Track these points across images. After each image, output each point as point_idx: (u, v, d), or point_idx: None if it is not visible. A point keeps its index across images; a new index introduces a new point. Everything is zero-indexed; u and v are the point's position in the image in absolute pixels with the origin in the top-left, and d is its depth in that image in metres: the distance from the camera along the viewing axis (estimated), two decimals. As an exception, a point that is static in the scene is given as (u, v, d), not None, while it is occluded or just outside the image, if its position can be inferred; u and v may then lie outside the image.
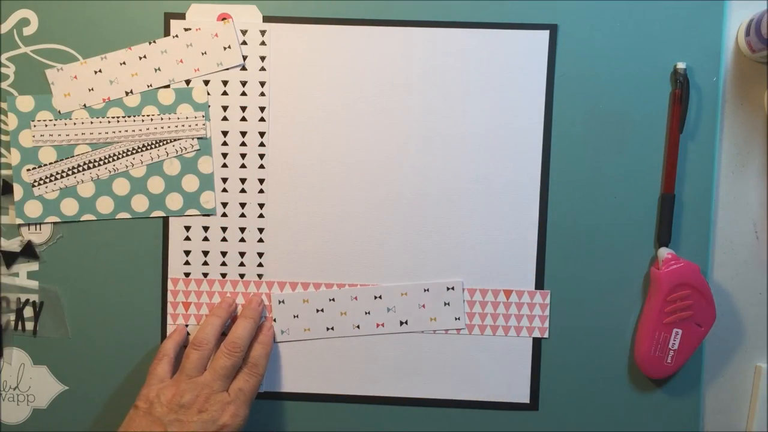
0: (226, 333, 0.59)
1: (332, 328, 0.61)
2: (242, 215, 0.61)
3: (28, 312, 0.61)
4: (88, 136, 0.60)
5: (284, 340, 0.61)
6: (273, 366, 0.61)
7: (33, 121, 0.60)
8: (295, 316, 0.61)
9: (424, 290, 0.60)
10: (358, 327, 0.61)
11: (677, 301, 0.57)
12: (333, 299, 0.60)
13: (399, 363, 0.61)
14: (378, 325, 0.61)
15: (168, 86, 0.60)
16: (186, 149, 0.60)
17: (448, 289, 0.60)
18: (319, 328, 0.61)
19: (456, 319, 0.60)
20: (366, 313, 0.60)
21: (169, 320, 0.61)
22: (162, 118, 0.60)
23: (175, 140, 0.60)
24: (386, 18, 0.59)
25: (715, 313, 0.58)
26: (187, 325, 0.61)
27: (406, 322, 0.61)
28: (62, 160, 0.60)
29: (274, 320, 0.61)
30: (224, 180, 0.61)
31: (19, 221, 0.60)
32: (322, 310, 0.61)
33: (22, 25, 0.60)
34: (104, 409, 0.62)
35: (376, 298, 0.60)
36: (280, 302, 0.60)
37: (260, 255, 0.61)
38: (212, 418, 0.54)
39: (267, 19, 0.60)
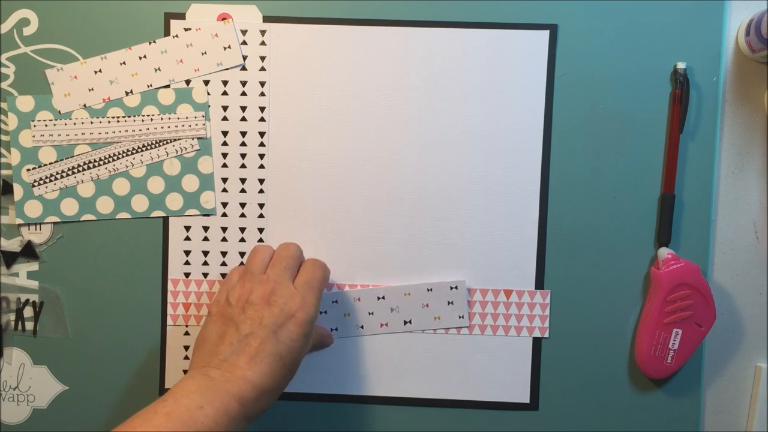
0: None
1: (336, 329, 0.61)
2: (242, 215, 0.61)
3: (28, 312, 0.61)
4: (88, 136, 0.60)
5: None
6: (273, 366, 0.62)
7: (33, 121, 0.60)
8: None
9: (428, 290, 0.60)
10: (362, 327, 0.61)
11: (677, 301, 0.57)
12: (336, 301, 0.60)
13: (399, 363, 0.61)
14: (382, 325, 0.61)
15: (168, 86, 0.60)
16: (186, 149, 0.60)
17: (451, 288, 0.60)
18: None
19: (460, 317, 0.60)
20: (370, 313, 0.60)
21: (169, 321, 0.61)
22: (162, 118, 0.60)
23: (175, 140, 0.60)
24: (386, 18, 0.60)
25: (715, 313, 0.58)
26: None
27: (409, 322, 0.61)
28: (62, 160, 0.60)
29: None
30: (224, 180, 0.61)
31: (19, 221, 0.60)
32: (326, 312, 0.61)
33: (22, 25, 0.60)
34: (104, 409, 0.62)
35: (379, 299, 0.60)
36: None
37: (260, 255, 0.61)
38: (281, 310, 0.52)
39: (267, 19, 0.60)
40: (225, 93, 0.60)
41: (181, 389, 0.48)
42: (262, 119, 0.60)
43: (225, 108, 0.60)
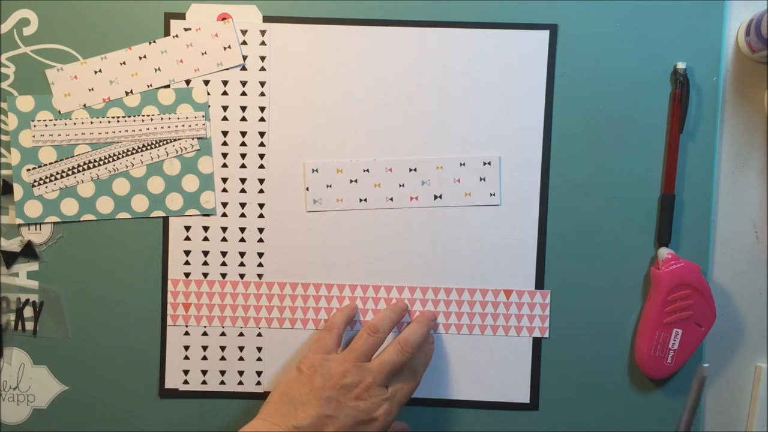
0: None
1: (365, 200, 0.60)
2: (242, 215, 0.61)
3: (28, 312, 0.61)
4: (88, 136, 0.60)
5: (316, 210, 0.60)
6: (270, 365, 0.61)
7: (33, 121, 0.60)
8: (328, 186, 0.60)
9: (460, 164, 0.59)
10: (391, 200, 0.60)
11: (677, 301, 0.57)
12: (367, 170, 0.59)
13: (399, 363, 0.61)
14: (412, 198, 0.60)
15: (168, 86, 0.60)
16: (186, 149, 0.60)
17: (484, 164, 0.59)
18: (352, 199, 0.60)
19: (491, 195, 0.60)
20: (400, 185, 0.60)
21: (169, 321, 0.61)
22: (162, 118, 0.60)
23: (175, 140, 0.60)
24: (386, 18, 0.60)
25: (715, 313, 0.58)
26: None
27: (440, 197, 0.60)
28: (62, 160, 0.60)
29: (307, 189, 0.60)
30: (224, 180, 0.61)
31: (19, 221, 0.60)
32: (356, 181, 0.60)
33: (22, 25, 0.60)
34: (104, 409, 0.62)
35: (411, 170, 0.59)
36: (313, 171, 0.60)
37: (260, 255, 0.61)
38: (366, 409, 0.53)
39: (267, 19, 0.60)
40: (225, 93, 0.60)
41: None
42: (262, 119, 0.60)
43: (225, 108, 0.60)
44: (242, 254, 0.61)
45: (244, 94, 0.60)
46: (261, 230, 0.61)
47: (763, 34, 0.55)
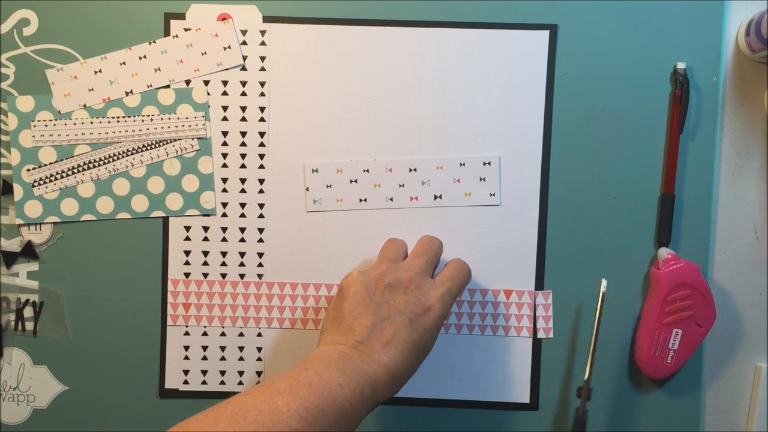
0: None
1: (365, 200, 0.60)
2: (242, 215, 0.61)
3: (28, 312, 0.61)
4: (88, 136, 0.60)
5: (316, 210, 0.60)
6: (270, 365, 0.61)
7: (33, 121, 0.60)
8: (328, 186, 0.60)
9: (460, 164, 0.59)
10: (391, 200, 0.60)
11: (677, 301, 0.57)
12: (367, 170, 0.59)
13: (399, 363, 0.61)
14: (412, 198, 0.60)
15: (168, 86, 0.60)
16: (186, 149, 0.60)
17: (484, 164, 0.59)
18: (352, 199, 0.60)
19: (491, 195, 0.60)
20: (400, 185, 0.60)
21: (169, 321, 0.61)
22: (162, 118, 0.60)
23: (175, 140, 0.60)
24: (386, 18, 0.59)
25: (715, 313, 0.58)
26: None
27: (440, 197, 0.60)
28: (62, 160, 0.60)
29: (307, 189, 0.60)
30: (224, 180, 0.61)
31: (19, 221, 0.60)
32: (356, 181, 0.60)
33: (22, 25, 0.60)
34: (104, 409, 0.62)
35: (411, 170, 0.59)
36: (313, 171, 0.60)
37: (260, 255, 0.61)
38: (418, 299, 0.52)
39: (267, 19, 0.60)
40: (225, 93, 0.60)
41: (321, 362, 0.48)
42: (262, 119, 0.60)
43: (225, 108, 0.60)
44: (242, 254, 0.61)
45: (244, 94, 0.60)
46: (261, 230, 0.61)
47: (763, 34, 0.55)
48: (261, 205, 0.61)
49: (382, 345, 0.50)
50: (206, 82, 0.60)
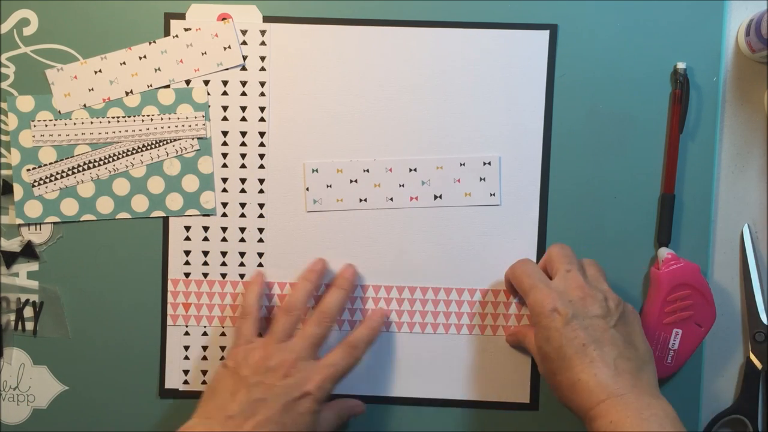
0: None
1: (365, 200, 0.60)
2: (242, 215, 0.61)
3: (28, 312, 0.61)
4: (88, 136, 0.60)
5: (316, 210, 0.60)
6: (273, 366, 0.61)
7: (33, 121, 0.60)
8: (328, 186, 0.60)
9: (460, 164, 0.59)
10: (391, 200, 0.60)
11: (677, 301, 0.57)
12: (367, 170, 0.59)
13: (399, 363, 0.61)
14: (412, 198, 0.60)
15: (168, 86, 0.60)
16: (186, 149, 0.60)
17: (484, 164, 0.59)
18: (352, 199, 0.60)
19: (491, 195, 0.60)
20: (400, 185, 0.59)
21: (169, 321, 0.61)
22: (162, 118, 0.60)
23: (175, 140, 0.60)
24: (386, 18, 0.59)
25: (715, 313, 0.58)
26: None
27: (440, 197, 0.60)
28: (62, 160, 0.60)
29: (307, 189, 0.60)
30: (224, 180, 0.61)
31: (19, 221, 0.60)
32: (356, 181, 0.60)
33: (22, 25, 0.60)
34: (104, 409, 0.62)
35: (411, 170, 0.59)
36: (313, 171, 0.60)
37: (260, 255, 0.61)
38: (296, 384, 0.53)
39: (267, 19, 0.60)
40: (225, 93, 0.60)
41: None
42: (262, 119, 0.60)
43: (225, 108, 0.60)
44: (242, 254, 0.61)
45: (244, 94, 0.60)
46: (261, 230, 0.61)
47: (763, 34, 0.55)
48: (261, 205, 0.61)
49: (252, 426, 0.51)
50: (206, 82, 0.60)
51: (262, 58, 0.60)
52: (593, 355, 0.50)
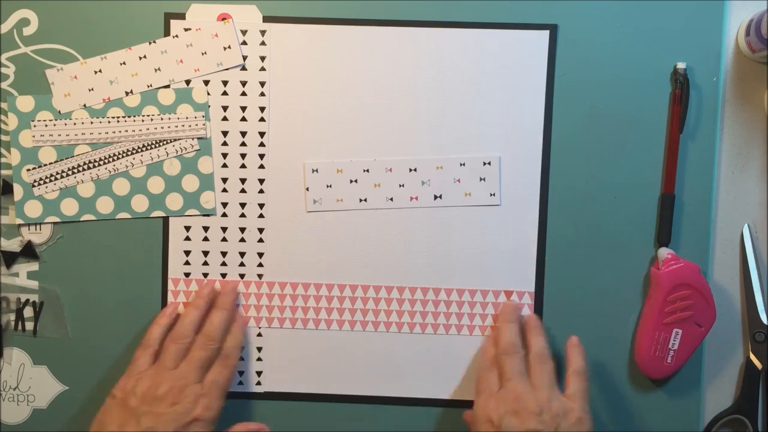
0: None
1: (365, 200, 0.60)
2: (242, 215, 0.61)
3: (28, 312, 0.61)
4: (88, 136, 0.60)
5: (316, 210, 0.60)
6: (270, 365, 0.61)
7: (33, 121, 0.60)
8: (328, 186, 0.60)
9: (460, 164, 0.59)
10: (391, 200, 0.60)
11: (677, 301, 0.57)
12: (367, 170, 0.59)
13: (399, 363, 0.61)
14: (412, 198, 0.60)
15: (168, 86, 0.60)
16: (186, 149, 0.60)
17: (484, 164, 0.59)
18: (352, 199, 0.60)
19: (491, 195, 0.60)
20: (400, 185, 0.59)
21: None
22: (162, 118, 0.60)
23: (175, 140, 0.60)
24: (386, 18, 0.59)
25: (715, 313, 0.58)
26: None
27: (440, 197, 0.59)
28: (62, 160, 0.60)
29: (307, 189, 0.60)
30: (224, 180, 0.61)
31: (19, 221, 0.60)
32: (356, 181, 0.60)
33: (22, 25, 0.60)
34: (104, 409, 0.62)
35: (411, 170, 0.59)
36: (313, 171, 0.60)
37: (260, 255, 0.61)
38: (185, 410, 0.54)
39: (267, 19, 0.60)
40: (225, 93, 0.60)
41: None
42: (262, 119, 0.60)
43: (225, 108, 0.60)
44: (242, 254, 0.61)
45: (244, 94, 0.60)
46: (261, 230, 0.61)
47: (763, 34, 0.55)
48: (261, 205, 0.61)
49: None
50: (206, 82, 0.60)
51: (262, 58, 0.60)
52: None
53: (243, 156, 0.61)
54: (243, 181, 0.61)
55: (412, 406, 0.61)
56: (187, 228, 0.61)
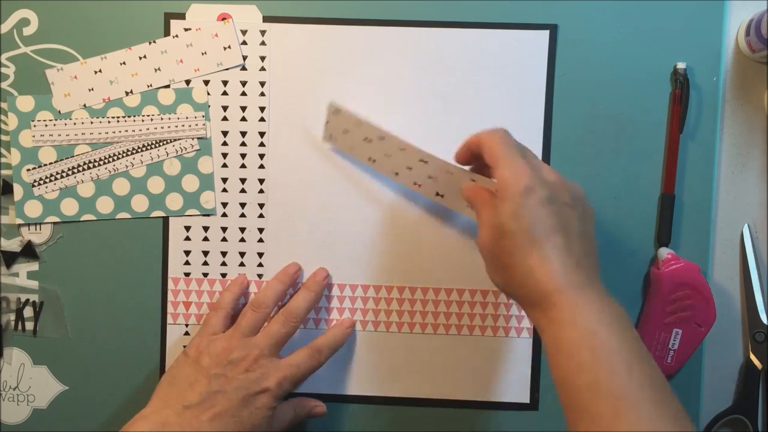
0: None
1: (374, 161, 0.58)
2: (242, 215, 0.61)
3: (28, 312, 0.61)
4: (88, 136, 0.60)
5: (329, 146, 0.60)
6: (273, 366, 0.61)
7: (33, 121, 0.60)
8: (345, 132, 0.58)
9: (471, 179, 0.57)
10: (396, 174, 0.58)
11: (677, 301, 0.57)
12: (383, 138, 0.57)
13: (399, 363, 0.61)
14: (416, 184, 0.58)
15: (168, 86, 0.60)
16: (186, 149, 0.60)
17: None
18: (362, 153, 0.58)
19: None
20: (408, 168, 0.57)
21: (169, 320, 0.61)
22: (162, 118, 0.60)
23: (175, 140, 0.60)
24: (386, 18, 0.59)
25: (715, 313, 0.58)
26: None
27: (442, 196, 0.58)
28: (62, 160, 0.60)
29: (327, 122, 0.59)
30: (224, 180, 0.61)
31: (19, 221, 0.60)
32: (371, 141, 0.58)
33: (22, 25, 0.60)
34: (104, 409, 0.62)
35: (422, 161, 0.56)
36: (335, 112, 0.58)
37: (260, 255, 0.61)
38: (256, 379, 0.53)
39: (267, 19, 0.60)
40: (225, 93, 0.60)
41: (137, 425, 0.51)
42: (262, 119, 0.60)
43: (225, 108, 0.60)
44: (242, 254, 0.61)
45: (244, 94, 0.60)
46: (261, 230, 0.61)
47: (763, 34, 0.55)
48: (261, 205, 0.61)
49: (209, 417, 0.52)
50: (206, 82, 0.60)
51: (262, 58, 0.60)
52: (560, 243, 0.46)
53: (243, 156, 0.61)
54: (243, 181, 0.61)
55: (411, 407, 0.61)
56: (187, 228, 0.61)
